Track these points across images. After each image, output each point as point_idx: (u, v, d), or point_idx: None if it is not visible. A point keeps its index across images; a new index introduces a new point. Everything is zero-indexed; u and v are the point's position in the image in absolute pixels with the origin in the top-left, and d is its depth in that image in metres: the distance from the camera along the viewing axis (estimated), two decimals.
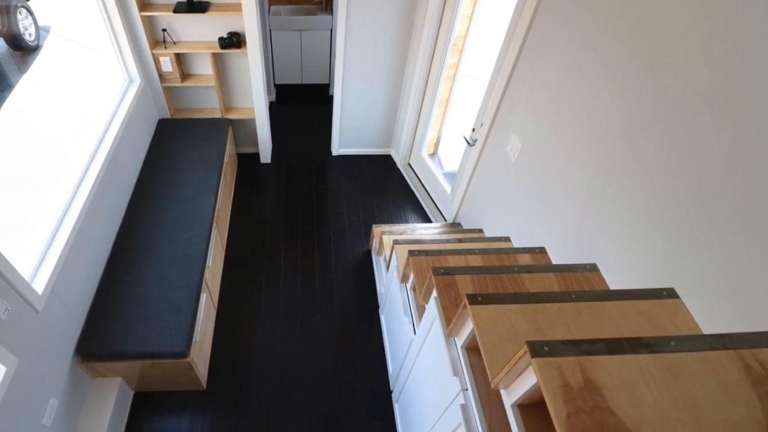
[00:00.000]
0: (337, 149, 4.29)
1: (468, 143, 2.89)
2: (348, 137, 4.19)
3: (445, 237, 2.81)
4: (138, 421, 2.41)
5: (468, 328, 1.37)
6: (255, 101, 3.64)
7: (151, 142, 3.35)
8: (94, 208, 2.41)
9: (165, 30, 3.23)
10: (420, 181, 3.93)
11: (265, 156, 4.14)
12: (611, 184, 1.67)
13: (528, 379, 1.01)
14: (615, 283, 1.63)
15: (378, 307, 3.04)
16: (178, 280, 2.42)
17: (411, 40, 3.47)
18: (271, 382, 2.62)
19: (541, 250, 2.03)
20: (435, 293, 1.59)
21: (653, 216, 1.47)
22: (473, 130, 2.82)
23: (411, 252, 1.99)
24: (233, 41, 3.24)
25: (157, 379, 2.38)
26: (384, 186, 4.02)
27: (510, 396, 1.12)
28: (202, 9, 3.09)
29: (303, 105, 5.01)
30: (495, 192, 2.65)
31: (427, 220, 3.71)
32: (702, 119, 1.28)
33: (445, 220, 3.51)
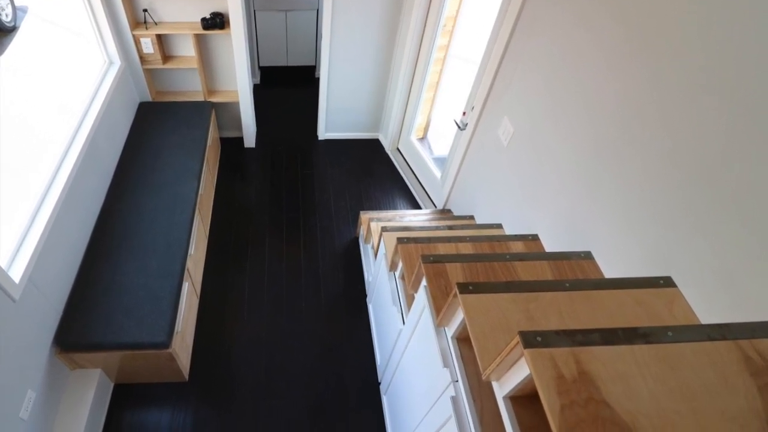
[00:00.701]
0: (324, 133, 4.24)
1: (458, 127, 2.86)
2: (335, 121, 4.15)
3: (435, 224, 2.79)
4: (118, 414, 2.37)
5: (458, 317, 1.35)
6: (239, 84, 3.61)
7: (132, 126, 3.30)
8: (72, 194, 2.37)
9: (146, 10, 3.17)
10: (409, 167, 3.90)
11: (249, 140, 4.10)
12: (606, 168, 1.64)
13: (520, 371, 0.99)
14: (610, 272, 1.61)
15: (365, 296, 3.01)
16: (159, 268, 2.37)
17: (400, 20, 3.43)
18: (256, 373, 2.58)
19: (534, 237, 2.01)
20: (424, 282, 1.57)
21: (649, 202, 1.45)
22: (464, 113, 2.79)
23: (400, 239, 1.96)
24: (216, 22, 3.20)
25: (138, 371, 2.35)
26: (372, 171, 3.98)
27: (502, 388, 1.10)
28: None
29: (288, 88, 4.96)
30: (486, 177, 2.62)
31: (417, 206, 3.68)
32: (699, 102, 1.25)
33: (435, 206, 3.49)
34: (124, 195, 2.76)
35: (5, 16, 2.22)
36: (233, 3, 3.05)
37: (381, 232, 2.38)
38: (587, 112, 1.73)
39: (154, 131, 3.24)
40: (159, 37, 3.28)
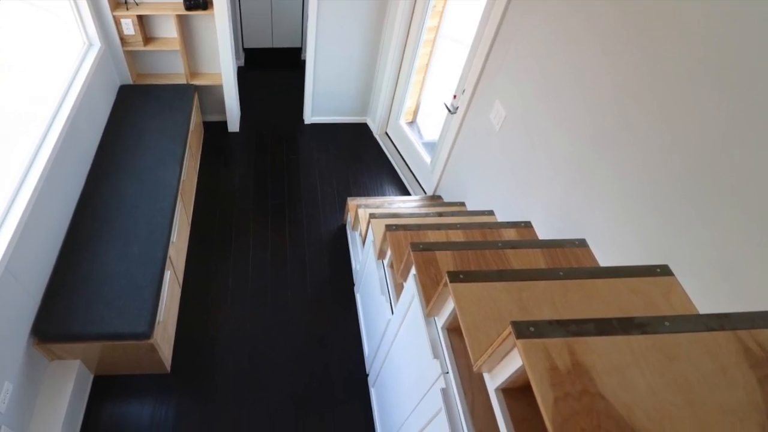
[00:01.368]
0: (310, 117, 4.19)
1: (449, 111, 2.82)
2: (321, 104, 4.09)
3: (425, 210, 2.78)
4: (98, 406, 2.33)
5: (449, 307, 1.33)
6: (222, 66, 3.55)
7: (112, 109, 3.22)
8: (51, 179, 2.30)
9: None
10: (398, 151, 3.86)
11: (233, 124, 4.04)
12: (601, 154, 1.62)
13: (513, 362, 0.98)
14: (605, 260, 1.59)
15: (353, 285, 2.97)
16: (140, 256, 2.32)
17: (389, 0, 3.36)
18: (240, 363, 2.54)
19: (527, 224, 2.00)
20: (414, 270, 1.55)
21: (646, 189, 1.43)
22: (454, 97, 2.75)
23: (388, 226, 1.94)
24: (199, 2, 3.17)
25: (119, 362, 2.31)
26: (360, 156, 3.93)
27: (494, 380, 1.09)
28: None
29: (273, 70, 4.89)
30: (478, 163, 2.59)
31: (406, 192, 3.65)
32: (698, 87, 1.23)
33: (425, 192, 3.46)
34: (104, 180, 2.69)
35: None
36: None
37: (369, 219, 2.35)
38: (582, 96, 1.70)
39: (135, 115, 3.17)
40: (140, 18, 3.21)
